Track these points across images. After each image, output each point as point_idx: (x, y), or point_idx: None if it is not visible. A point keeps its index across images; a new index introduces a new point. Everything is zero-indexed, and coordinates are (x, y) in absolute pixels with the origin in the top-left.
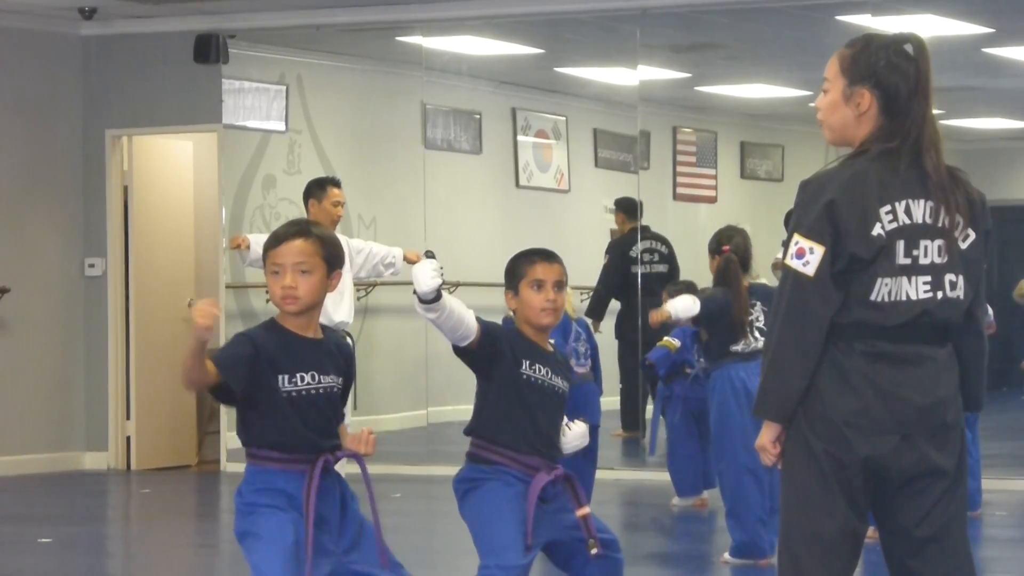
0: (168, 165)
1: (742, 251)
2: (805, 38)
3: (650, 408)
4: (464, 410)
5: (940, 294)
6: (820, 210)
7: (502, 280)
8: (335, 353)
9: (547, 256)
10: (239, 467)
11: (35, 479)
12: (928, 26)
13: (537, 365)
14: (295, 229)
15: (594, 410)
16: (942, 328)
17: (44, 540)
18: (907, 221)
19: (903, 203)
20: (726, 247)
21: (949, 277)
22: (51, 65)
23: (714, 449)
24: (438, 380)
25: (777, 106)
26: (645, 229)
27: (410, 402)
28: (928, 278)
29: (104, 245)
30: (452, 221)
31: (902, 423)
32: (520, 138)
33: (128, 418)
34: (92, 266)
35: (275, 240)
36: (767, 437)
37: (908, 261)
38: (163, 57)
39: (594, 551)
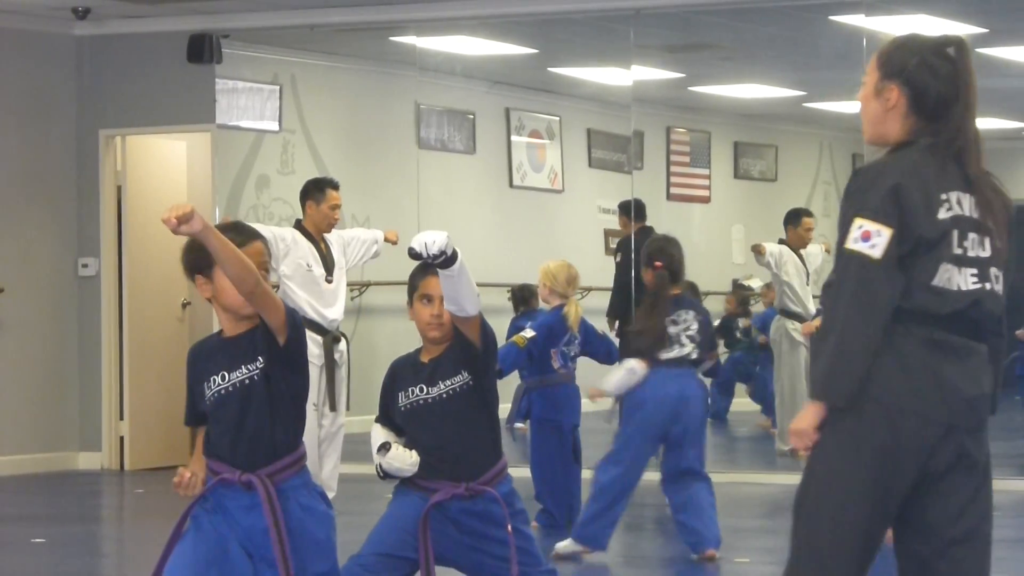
0: (162, 165)
1: (676, 263)
2: (799, 38)
3: None
4: None
5: (988, 285)
6: (885, 193)
7: (495, 280)
8: (249, 339)
9: (434, 271)
10: None
11: (28, 479)
12: (922, 26)
13: (410, 388)
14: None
15: (573, 411)
16: (982, 323)
17: (38, 540)
18: (960, 212)
19: (955, 194)
20: (658, 263)
21: (993, 271)
22: (44, 65)
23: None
24: None
25: (771, 106)
26: (651, 229)
27: None
28: (975, 270)
29: (98, 245)
30: (446, 221)
31: (952, 413)
32: (514, 138)
33: (122, 418)
34: (86, 266)
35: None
36: (810, 421)
37: (960, 251)
38: (157, 57)
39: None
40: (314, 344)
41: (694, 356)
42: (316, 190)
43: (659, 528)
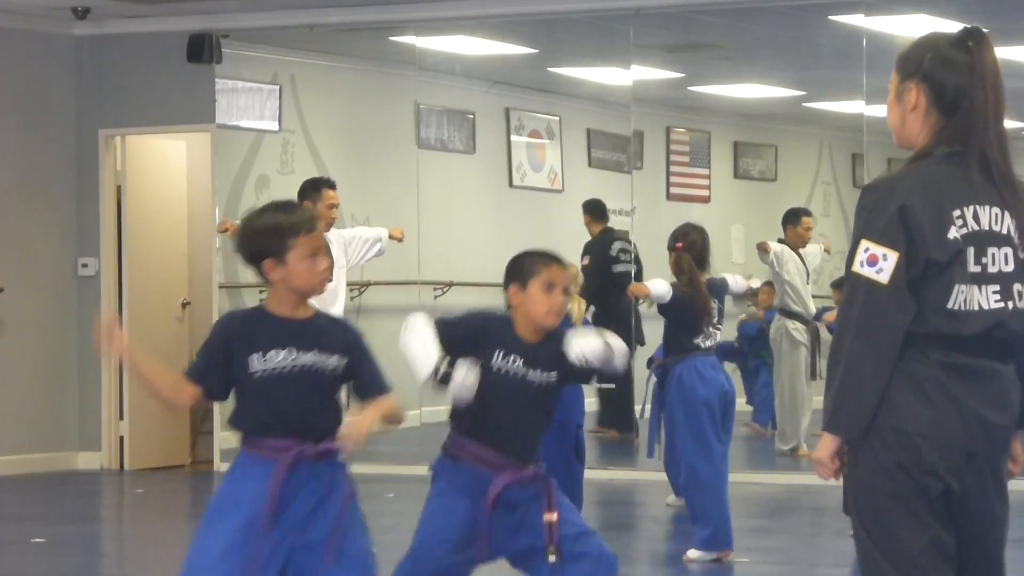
0: (161, 165)
1: (698, 248)
2: (798, 38)
3: (637, 407)
4: None
5: (1011, 304)
6: (892, 214)
7: (495, 280)
8: (326, 331)
9: (560, 261)
10: None
11: (28, 479)
12: (921, 26)
13: (513, 356)
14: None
15: (578, 410)
16: (1009, 342)
17: (38, 540)
18: (976, 227)
19: (971, 208)
20: (679, 244)
21: (1017, 287)
22: (44, 65)
23: (680, 440)
24: None
25: (770, 106)
26: (613, 230)
27: (403, 402)
28: (997, 287)
29: (97, 245)
30: (445, 221)
31: (972, 439)
32: (513, 138)
33: (121, 418)
34: (85, 266)
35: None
36: (826, 451)
37: (978, 269)
38: (156, 57)
39: (552, 559)
40: None
41: (716, 344)
42: (313, 190)
43: (658, 527)
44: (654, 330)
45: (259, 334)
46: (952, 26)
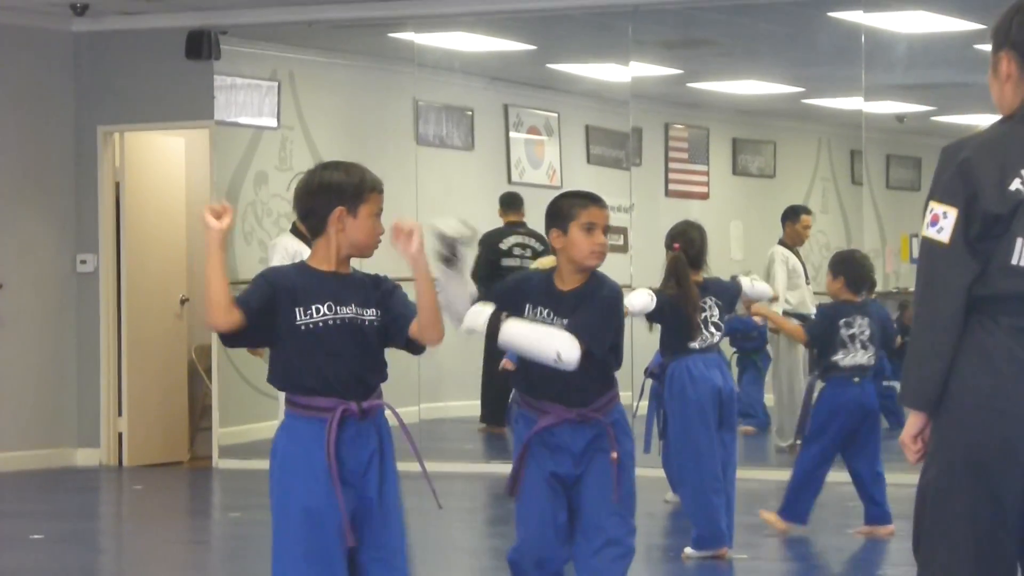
0: (160, 161)
1: (696, 247)
2: (797, 34)
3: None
4: (456, 406)
5: None
6: (954, 170)
7: None
8: (364, 285)
9: (597, 201)
10: (231, 463)
11: (27, 475)
12: (919, 22)
13: (541, 307)
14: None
15: None
16: None
17: (36, 536)
18: None
19: None
20: (676, 245)
21: None
22: (43, 61)
23: (672, 439)
24: (430, 376)
25: (769, 102)
26: (521, 224)
27: (402, 398)
28: None
29: (96, 241)
30: (444, 217)
31: None
32: (512, 134)
33: (120, 414)
34: (84, 262)
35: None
36: (908, 431)
37: None
38: (155, 53)
39: (614, 455)
40: None
41: (718, 342)
42: None
43: (654, 523)
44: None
45: (301, 288)
46: (951, 23)
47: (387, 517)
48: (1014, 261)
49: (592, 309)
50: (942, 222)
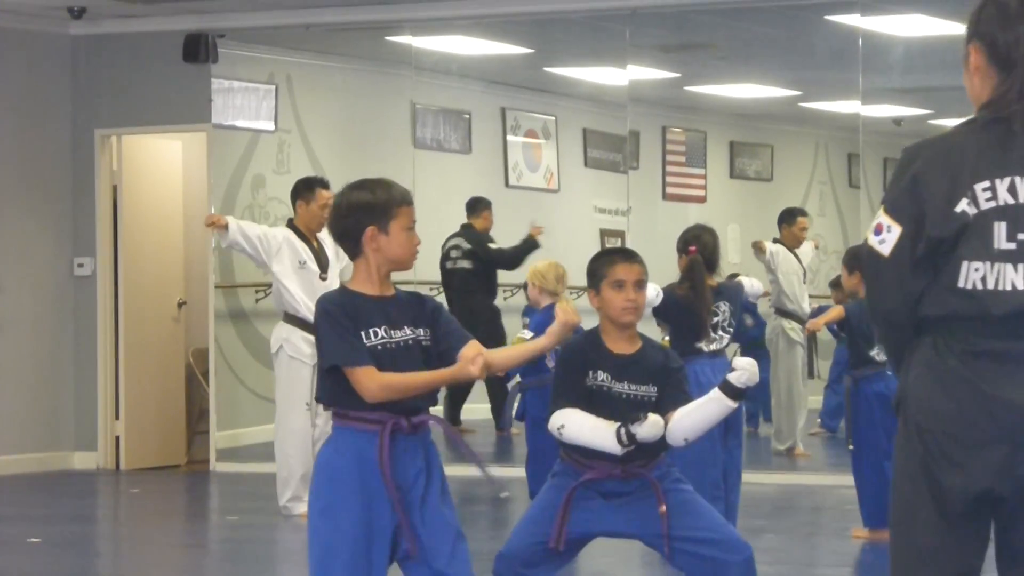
0: (157, 165)
1: (709, 251)
2: (794, 38)
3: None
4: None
5: None
6: (905, 184)
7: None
8: (412, 305)
9: (627, 256)
10: (228, 467)
11: (24, 479)
12: (917, 26)
13: (599, 371)
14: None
15: None
16: None
17: (33, 540)
18: (1011, 201)
19: (1007, 180)
20: (692, 248)
21: None
22: (40, 64)
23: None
24: None
25: (766, 106)
26: (464, 227)
27: None
28: None
29: (93, 245)
30: (441, 221)
31: (1007, 429)
32: (510, 138)
33: (117, 418)
34: (81, 266)
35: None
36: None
37: (1012, 246)
38: (152, 57)
39: (662, 508)
40: (306, 343)
41: (726, 346)
42: (306, 190)
43: None
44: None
45: (358, 313)
46: (949, 26)
47: (436, 533)
48: (960, 284)
49: (682, 385)
50: (885, 235)
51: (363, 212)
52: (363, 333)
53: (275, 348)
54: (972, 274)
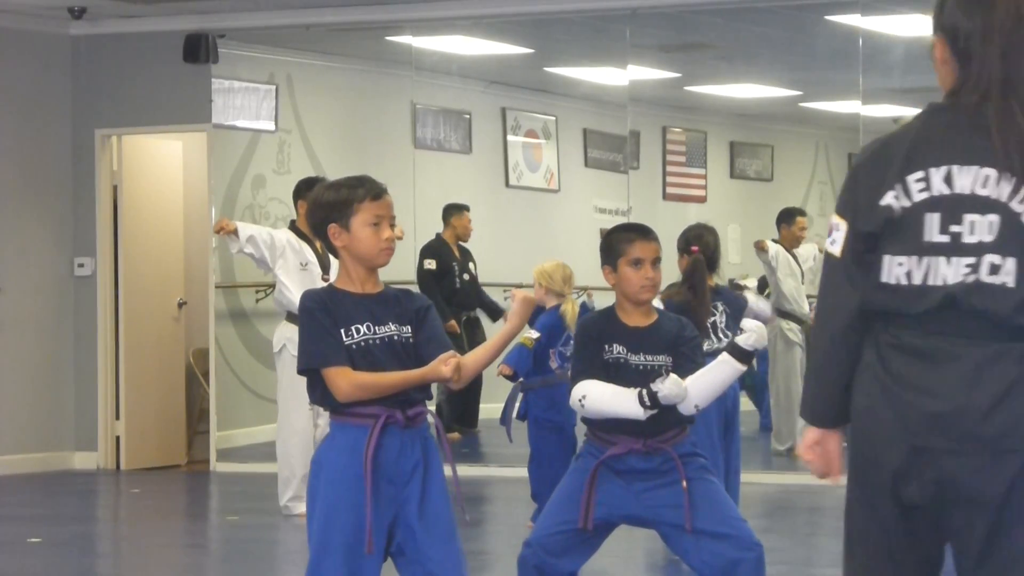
0: (158, 165)
1: (711, 251)
2: (795, 38)
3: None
4: None
5: (974, 278)
6: (847, 180)
7: (491, 280)
8: (399, 302)
9: (644, 233)
10: (228, 467)
11: (24, 479)
12: (917, 26)
13: (614, 344)
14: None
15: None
16: (991, 321)
17: (34, 540)
18: (945, 191)
19: (943, 169)
20: (694, 247)
21: (992, 259)
22: (40, 65)
23: None
24: None
25: (767, 106)
26: (438, 236)
27: None
28: (972, 260)
29: (93, 245)
30: (441, 221)
31: (909, 430)
32: (510, 138)
33: (117, 418)
34: (81, 266)
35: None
36: (803, 443)
37: (945, 239)
38: (152, 57)
39: (684, 483)
40: None
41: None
42: (307, 190)
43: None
44: None
45: (340, 310)
46: None
47: (430, 531)
48: (884, 279)
49: (695, 354)
50: (835, 234)
51: (325, 209)
52: (343, 331)
53: (278, 348)
54: (895, 268)
